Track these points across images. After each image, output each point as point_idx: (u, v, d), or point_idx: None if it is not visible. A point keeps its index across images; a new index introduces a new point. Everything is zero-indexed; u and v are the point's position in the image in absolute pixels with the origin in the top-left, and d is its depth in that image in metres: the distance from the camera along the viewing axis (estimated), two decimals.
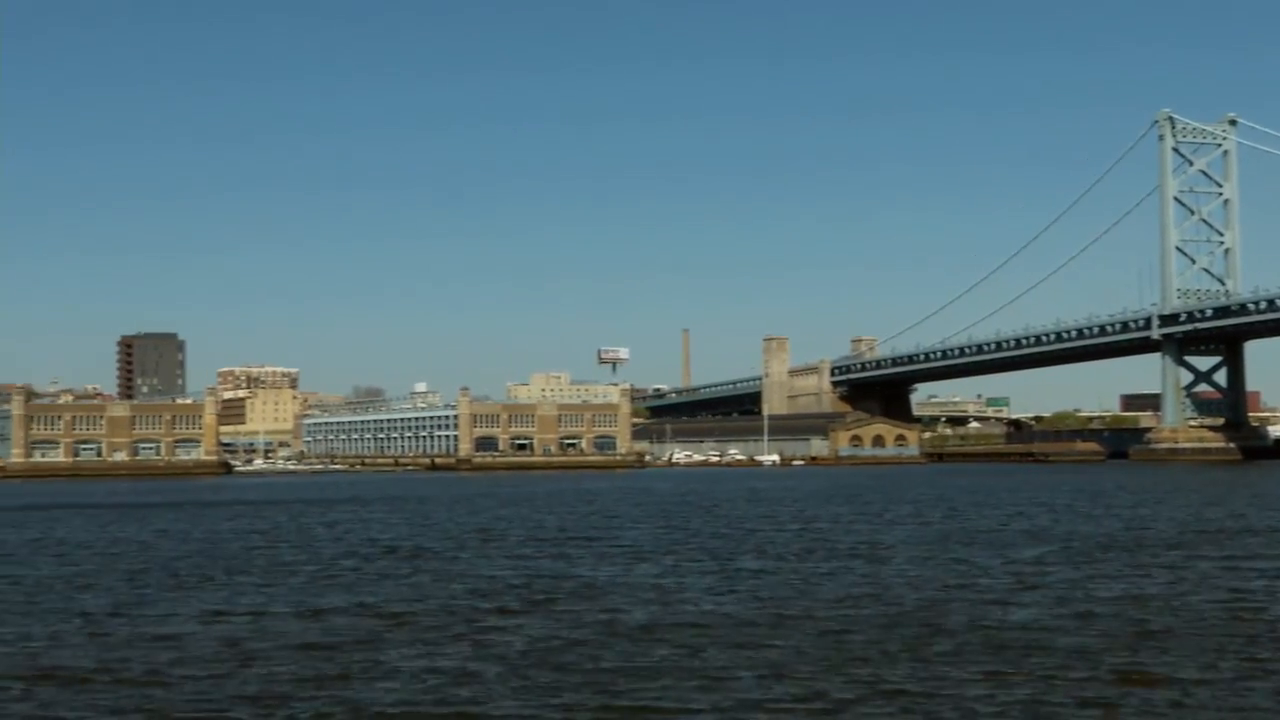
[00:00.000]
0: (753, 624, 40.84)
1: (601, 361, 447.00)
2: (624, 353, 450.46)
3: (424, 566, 60.84)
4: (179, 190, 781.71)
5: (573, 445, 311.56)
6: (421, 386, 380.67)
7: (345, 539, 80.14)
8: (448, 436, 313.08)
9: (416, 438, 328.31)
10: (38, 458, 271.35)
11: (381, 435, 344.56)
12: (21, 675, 33.46)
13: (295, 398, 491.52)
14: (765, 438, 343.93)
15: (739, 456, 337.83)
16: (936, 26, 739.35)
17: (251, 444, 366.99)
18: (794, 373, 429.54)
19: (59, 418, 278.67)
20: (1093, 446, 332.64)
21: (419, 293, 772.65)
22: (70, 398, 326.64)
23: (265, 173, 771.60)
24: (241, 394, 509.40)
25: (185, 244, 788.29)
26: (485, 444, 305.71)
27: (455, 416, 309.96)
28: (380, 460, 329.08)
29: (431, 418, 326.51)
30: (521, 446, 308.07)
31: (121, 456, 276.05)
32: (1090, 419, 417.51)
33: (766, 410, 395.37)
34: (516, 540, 77.36)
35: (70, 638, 39.68)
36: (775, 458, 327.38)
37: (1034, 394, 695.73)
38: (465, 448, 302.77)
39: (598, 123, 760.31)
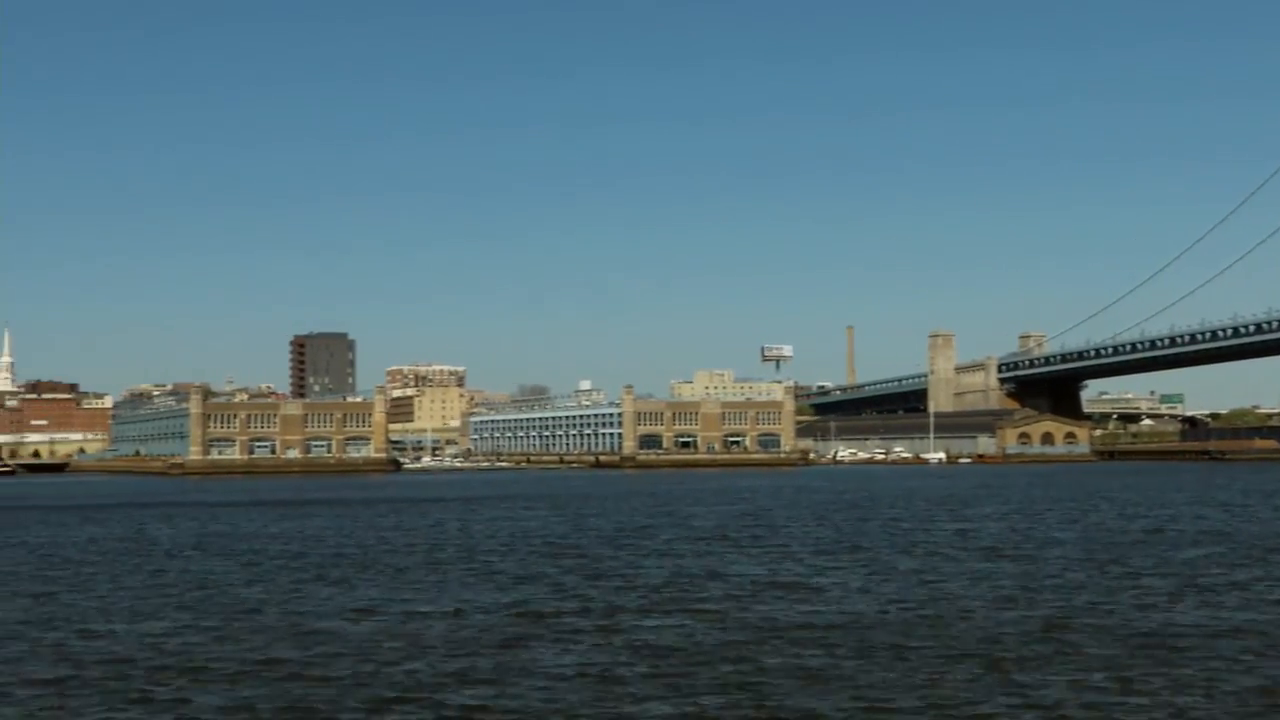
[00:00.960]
0: (895, 626, 40.19)
1: (765, 359, 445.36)
2: (788, 350, 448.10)
3: (574, 565, 61.08)
4: (349, 190, 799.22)
5: (736, 443, 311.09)
6: (586, 384, 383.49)
7: (497, 535, 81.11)
8: (612, 434, 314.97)
9: (581, 435, 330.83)
10: (214, 455, 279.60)
11: (546, 433, 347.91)
12: (174, 668, 34.43)
13: (462, 396, 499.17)
14: (931, 435, 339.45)
15: (904, 454, 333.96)
16: (1114, 15, 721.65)
17: (419, 442, 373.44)
18: (960, 369, 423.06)
19: (234, 416, 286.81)
20: (1272, 444, 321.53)
21: (584, 291, 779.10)
22: (245, 397, 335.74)
23: (431, 173, 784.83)
24: (410, 392, 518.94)
25: (356, 245, 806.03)
26: (649, 442, 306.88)
27: (619, 414, 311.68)
28: (545, 458, 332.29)
29: (596, 415, 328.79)
30: (685, 444, 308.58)
31: (294, 454, 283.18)
32: (1270, 415, 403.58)
33: (932, 408, 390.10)
34: (668, 539, 77.43)
35: (225, 630, 40.72)
36: (941, 455, 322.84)
37: (1210, 390, 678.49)
38: (629, 445, 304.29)
39: (754, 116, 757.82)
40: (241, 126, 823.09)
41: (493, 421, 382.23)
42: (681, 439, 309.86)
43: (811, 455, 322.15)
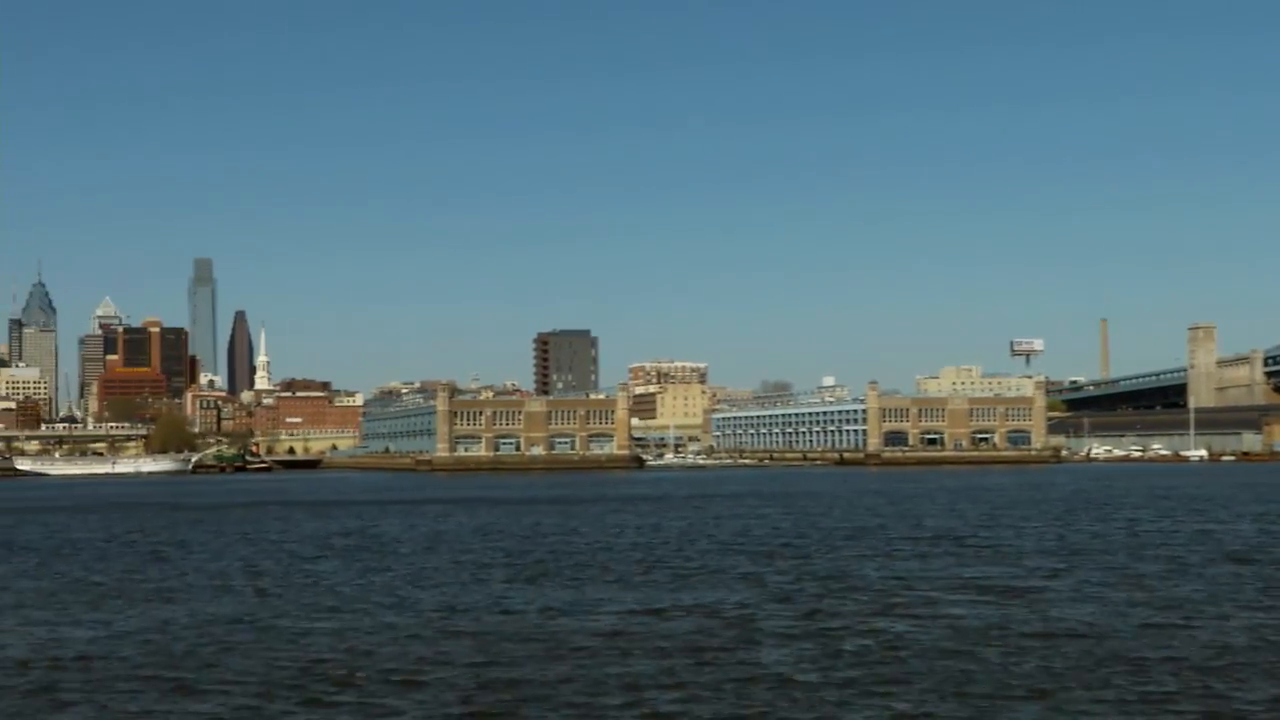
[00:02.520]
0: (1109, 636, 39.99)
1: (1015, 353, 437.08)
2: (1038, 344, 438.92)
3: (790, 567, 61.82)
4: (591, 187, 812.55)
5: (985, 440, 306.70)
6: (829, 380, 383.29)
7: (715, 535, 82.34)
8: (856, 431, 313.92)
9: (825, 432, 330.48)
10: (461, 452, 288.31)
11: (789, 430, 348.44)
12: (348, 667, 37.00)
13: (704, 392, 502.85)
14: (1191, 432, 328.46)
15: (1162, 451, 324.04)
16: None
17: (662, 438, 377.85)
18: (1222, 363, 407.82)
19: (480, 413, 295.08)
20: None
21: (828, 285, 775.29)
22: (490, 394, 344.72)
23: (673, 171, 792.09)
24: (652, 389, 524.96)
25: (599, 242, 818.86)
26: (894, 439, 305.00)
27: (863, 410, 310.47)
28: (788, 455, 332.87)
29: (839, 412, 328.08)
30: (932, 441, 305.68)
31: (538, 451, 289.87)
32: None
33: (1193, 403, 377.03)
34: (889, 539, 77.81)
35: (417, 629, 43.17)
36: (1203, 453, 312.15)
37: None
38: (874, 442, 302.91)
39: (988, 106, 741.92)
40: (482, 121, 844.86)
41: (735, 418, 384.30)
42: (927, 436, 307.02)
43: (1063, 452, 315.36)
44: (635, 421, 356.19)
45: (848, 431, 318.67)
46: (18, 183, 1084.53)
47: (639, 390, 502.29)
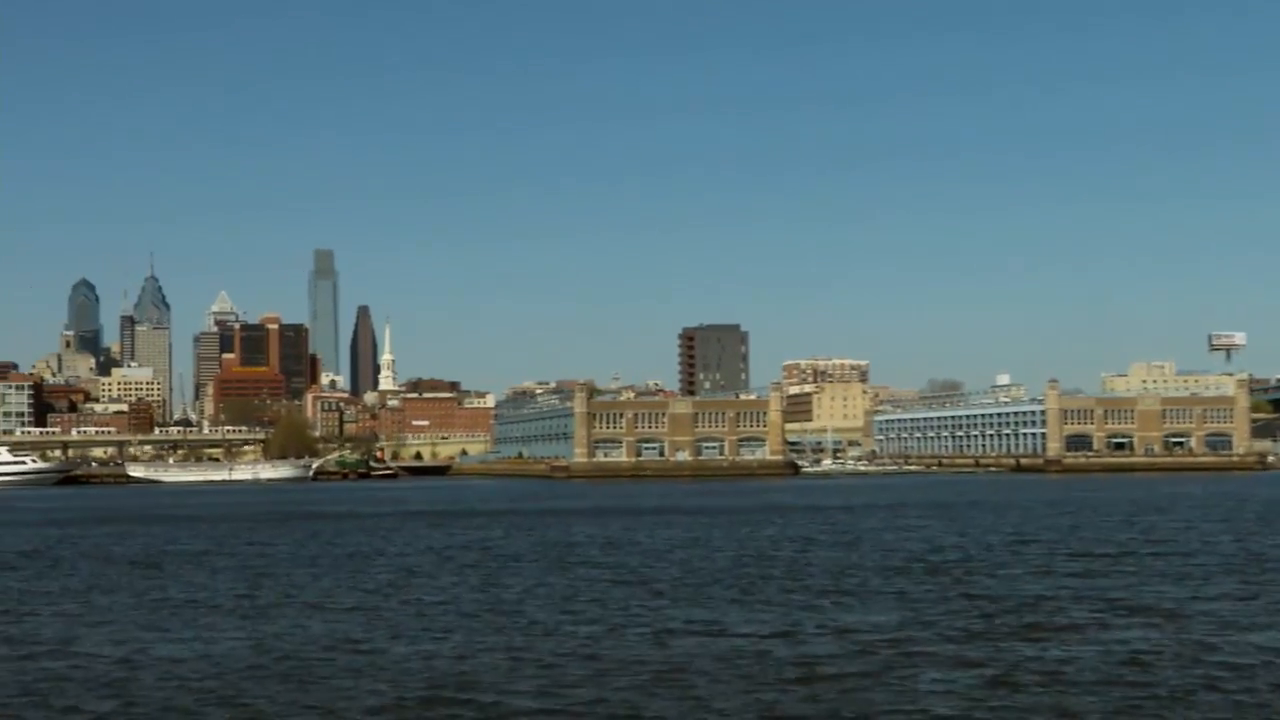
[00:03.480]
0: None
1: (1213, 348, 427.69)
2: (1240, 337, 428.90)
3: (942, 584, 61.91)
4: (740, 171, 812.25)
5: (1179, 444, 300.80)
6: (1004, 378, 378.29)
7: (867, 549, 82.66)
8: (1034, 434, 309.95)
9: (999, 435, 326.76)
10: (600, 457, 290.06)
11: (960, 433, 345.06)
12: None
13: (865, 392, 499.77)
14: None
15: None
16: None
17: (819, 443, 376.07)
18: None
19: (621, 416, 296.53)
20: None
21: (1001, 274, 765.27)
22: (632, 395, 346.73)
23: (828, 155, 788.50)
24: (808, 389, 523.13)
25: (748, 230, 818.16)
26: (1077, 442, 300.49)
27: (1042, 412, 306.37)
28: (959, 460, 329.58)
29: (1015, 413, 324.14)
30: (1119, 445, 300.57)
31: (684, 456, 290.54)
32: None
33: None
34: (1061, 554, 76.99)
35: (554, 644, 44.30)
36: None
37: None
38: (1054, 447, 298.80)
39: (1184, 80, 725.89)
40: (621, 101, 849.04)
41: (899, 421, 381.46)
42: (1115, 439, 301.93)
43: (1270, 458, 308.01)
44: (789, 424, 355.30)
45: (1025, 435, 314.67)
46: (129, 173, 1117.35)
47: (793, 390, 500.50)
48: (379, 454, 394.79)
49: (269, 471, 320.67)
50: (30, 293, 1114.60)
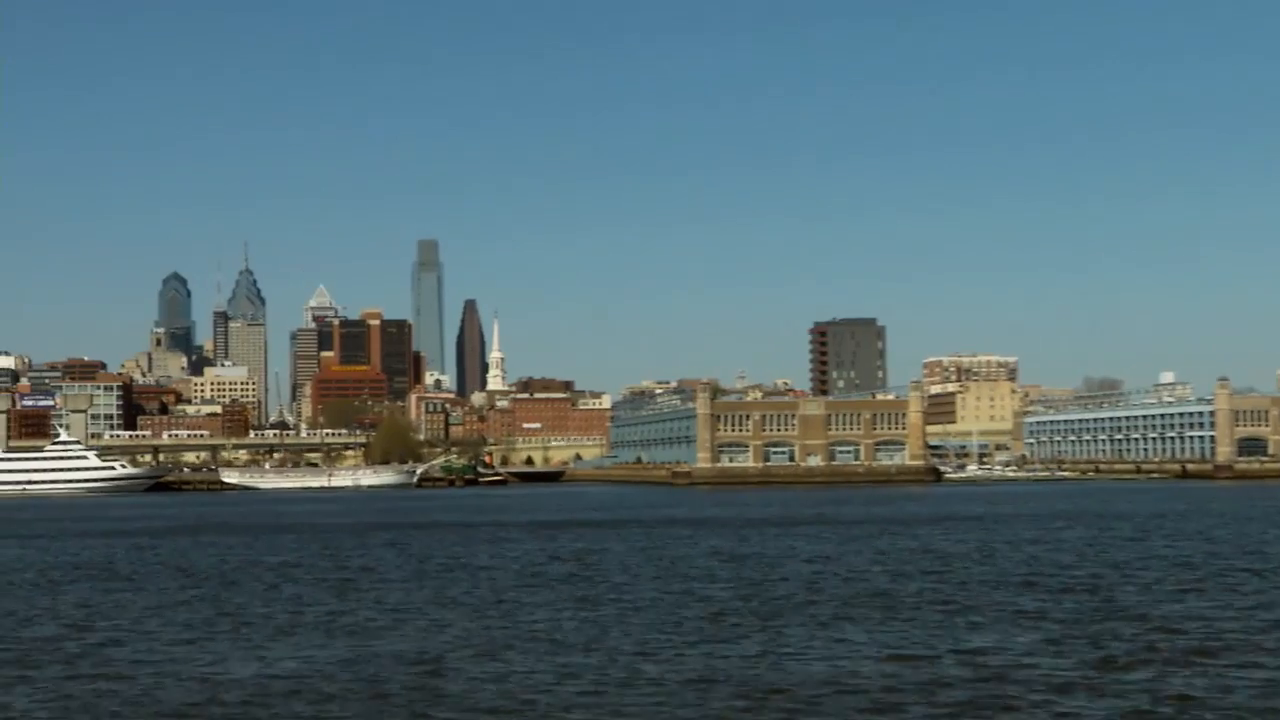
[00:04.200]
0: None
1: None
2: None
3: (1079, 604, 60.92)
4: (874, 155, 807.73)
5: None
6: (1168, 376, 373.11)
7: (1001, 564, 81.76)
8: (1202, 437, 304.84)
9: (1162, 439, 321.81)
10: (725, 462, 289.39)
11: (1119, 436, 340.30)
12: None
13: (1014, 392, 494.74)
14: None
15: None
16: None
17: (963, 446, 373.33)
18: None
19: (747, 417, 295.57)
20: None
21: (1162, 264, 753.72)
22: (759, 395, 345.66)
23: (970, 132, 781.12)
24: (951, 388, 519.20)
25: (885, 217, 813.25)
26: (1250, 446, 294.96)
27: (1211, 413, 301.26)
28: (1118, 466, 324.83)
29: (1180, 415, 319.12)
30: None
31: (816, 461, 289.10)
32: None
33: None
34: (1214, 571, 75.49)
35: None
36: None
37: None
38: (1224, 451, 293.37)
39: None
40: (743, 80, 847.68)
41: (1052, 423, 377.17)
42: None
43: None
44: (931, 427, 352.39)
45: (1191, 438, 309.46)
46: (222, 160, 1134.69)
47: (935, 389, 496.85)
48: (487, 459, 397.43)
49: (370, 477, 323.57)
50: (119, 287, 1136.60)
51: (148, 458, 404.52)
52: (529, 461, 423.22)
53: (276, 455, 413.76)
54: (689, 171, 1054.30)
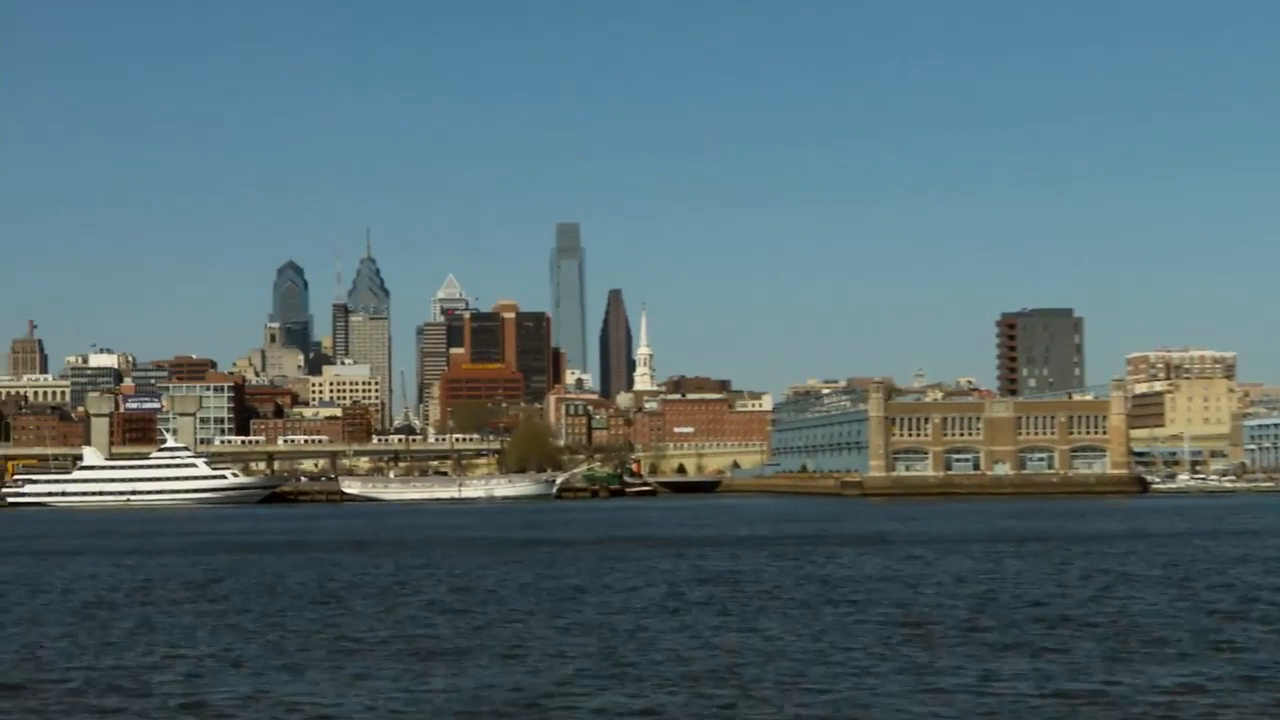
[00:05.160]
0: None
1: None
2: None
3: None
4: (1056, 124, 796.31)
5: None
6: None
7: (1193, 586, 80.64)
8: None
9: None
10: (901, 471, 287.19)
11: None
12: None
13: (1232, 391, 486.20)
14: None
15: None
16: None
17: (1173, 453, 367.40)
18: None
19: (926, 420, 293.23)
20: None
21: None
22: (939, 395, 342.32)
23: (1165, 98, 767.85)
24: (1158, 387, 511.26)
25: (1078, 200, 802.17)
26: None
27: None
28: None
29: None
30: None
31: (1004, 469, 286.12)
32: None
33: None
34: None
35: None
36: None
37: None
38: None
39: None
40: (906, 47, 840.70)
41: (1276, 426, 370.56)
42: None
43: None
44: (1135, 431, 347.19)
45: None
46: (343, 139, 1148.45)
47: (1140, 389, 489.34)
48: (634, 467, 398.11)
49: (505, 488, 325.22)
50: (230, 279, 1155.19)
51: (261, 466, 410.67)
52: (680, 470, 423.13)
53: (401, 463, 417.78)
54: (856, 141, 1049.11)
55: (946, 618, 66.58)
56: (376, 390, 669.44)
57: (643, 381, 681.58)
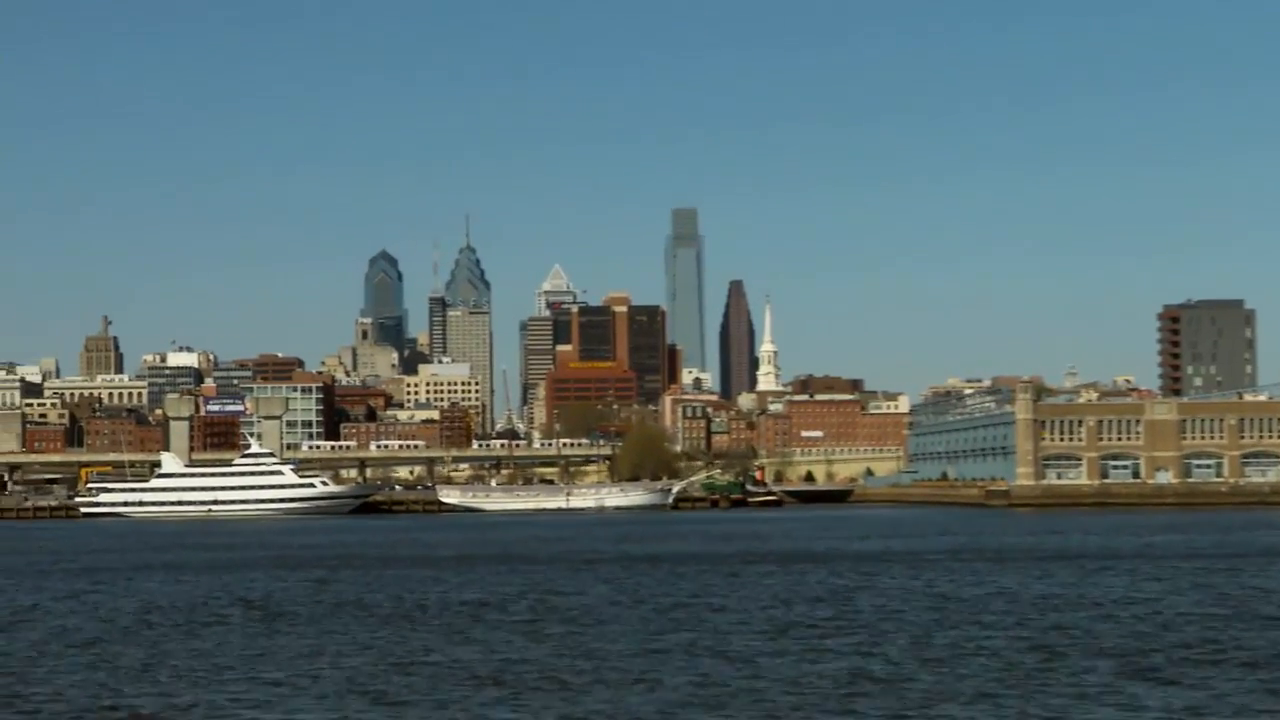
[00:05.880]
0: None
1: None
2: None
3: None
4: (1216, 93, 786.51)
5: None
6: None
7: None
8: None
9: None
10: (1052, 479, 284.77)
11: None
12: None
13: None
14: None
15: None
16: None
17: None
18: None
19: (1079, 423, 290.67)
20: None
21: None
22: (1094, 395, 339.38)
23: None
24: None
25: (1253, 177, 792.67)
26: None
27: None
28: None
29: None
30: None
31: (1167, 477, 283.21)
32: None
33: None
34: None
35: None
36: None
37: None
38: None
39: None
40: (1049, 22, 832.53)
41: None
42: None
43: None
44: None
45: None
46: (440, 119, 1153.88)
47: None
48: (758, 474, 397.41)
49: (616, 497, 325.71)
50: (318, 271, 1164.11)
51: (353, 473, 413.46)
52: (808, 478, 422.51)
53: (504, 471, 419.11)
54: (1005, 114, 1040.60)
55: (1081, 644, 66.44)
56: (477, 391, 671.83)
57: (767, 381, 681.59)
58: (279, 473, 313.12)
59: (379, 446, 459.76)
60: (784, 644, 66.92)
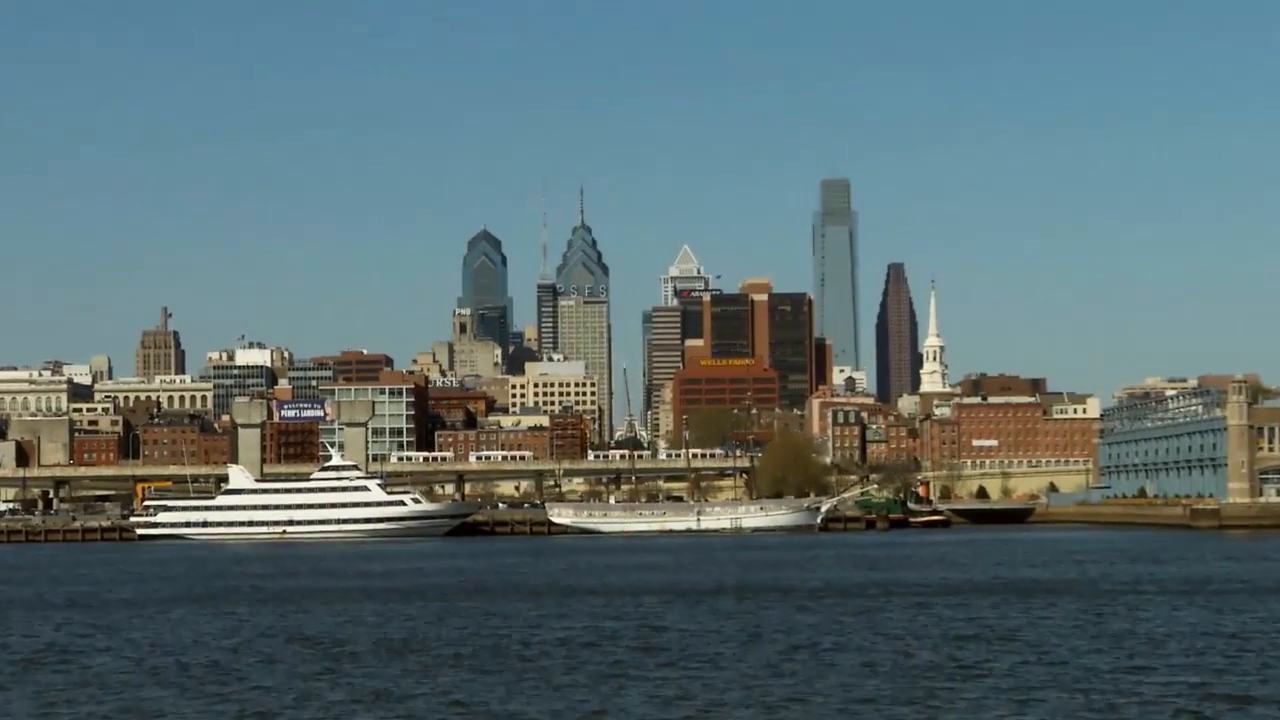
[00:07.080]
0: None
1: None
2: None
3: None
4: None
5: None
6: None
7: None
8: None
9: None
10: (1271, 496, 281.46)
11: None
12: None
13: None
14: None
15: None
16: None
17: None
18: None
19: None
20: None
21: None
22: None
23: None
24: None
25: None
26: None
27: None
28: None
29: None
30: None
31: None
32: None
33: None
34: None
35: None
36: None
37: None
38: None
39: None
40: None
41: None
42: None
43: None
44: None
45: None
46: (551, 81, 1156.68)
47: None
48: (921, 490, 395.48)
49: (755, 517, 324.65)
50: (409, 255, 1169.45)
51: (449, 489, 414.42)
52: (981, 494, 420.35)
53: (624, 486, 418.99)
54: (1203, 73, 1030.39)
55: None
56: (593, 394, 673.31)
57: (932, 381, 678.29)
58: (364, 489, 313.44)
59: (479, 458, 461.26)
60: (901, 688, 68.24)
